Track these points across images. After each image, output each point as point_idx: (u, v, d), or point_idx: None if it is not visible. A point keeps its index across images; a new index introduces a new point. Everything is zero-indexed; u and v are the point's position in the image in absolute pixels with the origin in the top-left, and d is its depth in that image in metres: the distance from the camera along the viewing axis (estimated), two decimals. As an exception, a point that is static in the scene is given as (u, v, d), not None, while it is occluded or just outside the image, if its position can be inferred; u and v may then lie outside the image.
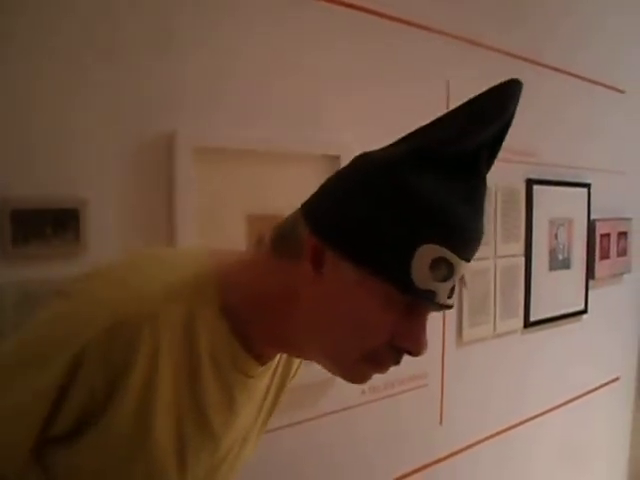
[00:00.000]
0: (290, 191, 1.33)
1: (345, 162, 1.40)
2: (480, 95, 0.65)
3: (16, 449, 0.61)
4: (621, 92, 2.66)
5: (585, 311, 2.40)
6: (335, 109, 1.45)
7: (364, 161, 0.65)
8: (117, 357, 0.58)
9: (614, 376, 2.74)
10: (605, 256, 2.52)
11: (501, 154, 2.14)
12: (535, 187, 2.07)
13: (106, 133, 1.11)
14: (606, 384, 2.67)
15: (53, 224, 1.06)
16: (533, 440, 2.25)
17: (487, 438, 2.02)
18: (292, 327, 0.66)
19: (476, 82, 1.80)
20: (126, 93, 1.13)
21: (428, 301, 0.59)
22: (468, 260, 0.61)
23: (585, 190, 2.36)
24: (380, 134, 1.53)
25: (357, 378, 0.66)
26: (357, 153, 1.50)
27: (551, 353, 2.25)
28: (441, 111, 1.90)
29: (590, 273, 2.42)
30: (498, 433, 2.08)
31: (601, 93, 2.52)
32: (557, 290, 2.21)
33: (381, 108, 1.57)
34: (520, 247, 2.02)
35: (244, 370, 0.68)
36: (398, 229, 0.58)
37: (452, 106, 1.88)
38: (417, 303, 0.61)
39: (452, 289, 0.61)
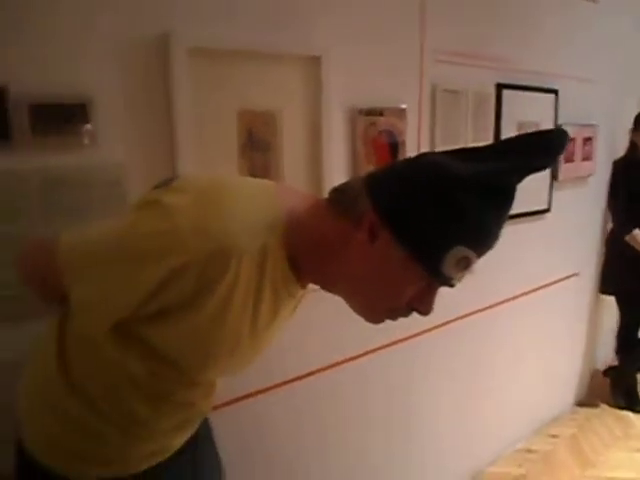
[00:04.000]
0: (276, 89, 1.47)
1: (325, 63, 1.53)
2: (536, 139, 0.80)
3: (111, 318, 0.84)
4: (594, 2, 2.74)
5: (548, 210, 2.60)
6: (316, 12, 1.55)
7: (433, 169, 0.78)
8: (209, 276, 0.76)
9: (574, 271, 2.99)
10: (570, 159, 2.69)
11: (473, 60, 2.28)
12: (505, 91, 2.20)
13: (106, 35, 1.22)
14: (566, 278, 2.93)
15: (65, 117, 1.19)
16: (502, 323, 2.52)
17: (464, 316, 2.28)
18: (335, 272, 0.85)
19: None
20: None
21: (446, 284, 0.81)
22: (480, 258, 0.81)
23: (552, 96, 2.49)
24: (358, 36, 1.66)
25: (375, 322, 0.88)
26: (336, 54, 1.61)
27: (517, 247, 2.46)
28: (414, 11, 1.98)
29: (554, 175, 2.60)
30: (471, 314, 2.33)
31: (574, 2, 2.60)
32: (522, 189, 2.38)
33: (358, 10, 1.68)
34: (489, 148, 2.18)
35: (291, 292, 0.89)
36: (445, 231, 0.76)
37: (427, 5, 1.97)
38: (437, 283, 0.82)
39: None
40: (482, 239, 0.78)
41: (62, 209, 1.21)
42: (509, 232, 2.33)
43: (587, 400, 3.35)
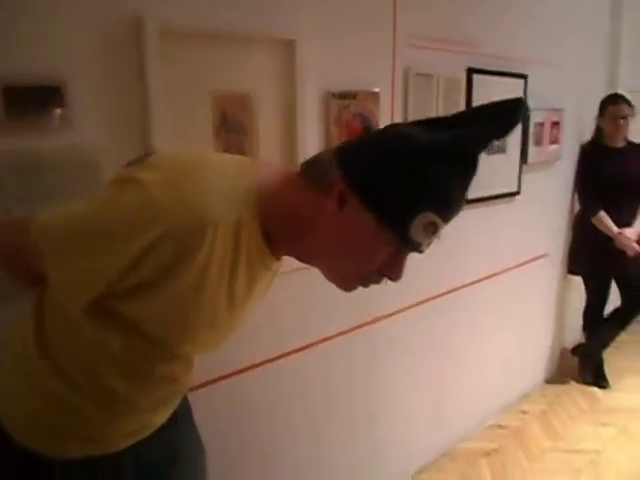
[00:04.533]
0: (251, 72, 1.48)
1: (300, 46, 1.54)
2: (497, 107, 0.83)
3: (89, 294, 0.83)
4: (563, -12, 2.80)
5: (518, 192, 2.67)
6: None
7: (401, 138, 0.82)
8: (187, 245, 0.77)
9: (543, 252, 3.08)
10: (538, 143, 2.76)
11: (445, 44, 2.33)
12: (475, 76, 2.24)
13: (79, 18, 1.22)
14: (536, 259, 3.01)
15: (41, 101, 1.19)
16: (472, 303, 2.59)
17: (434, 297, 2.34)
18: (308, 243, 0.87)
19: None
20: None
21: (415, 250, 0.83)
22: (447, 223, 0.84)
23: (522, 81, 2.55)
24: (332, 20, 1.68)
25: (348, 289, 0.91)
26: (311, 38, 1.63)
27: (487, 228, 2.53)
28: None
29: (524, 158, 2.66)
30: (441, 295, 2.39)
31: (542, -12, 2.66)
32: (493, 172, 2.45)
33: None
34: (460, 131, 2.22)
35: (266, 264, 0.91)
36: (412, 198, 0.78)
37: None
38: (406, 249, 0.83)
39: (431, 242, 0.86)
40: (448, 205, 0.81)
41: (37, 192, 1.21)
42: (481, 214, 2.44)
43: (556, 377, 3.46)
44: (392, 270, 0.87)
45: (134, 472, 1.05)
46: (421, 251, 0.84)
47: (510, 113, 0.83)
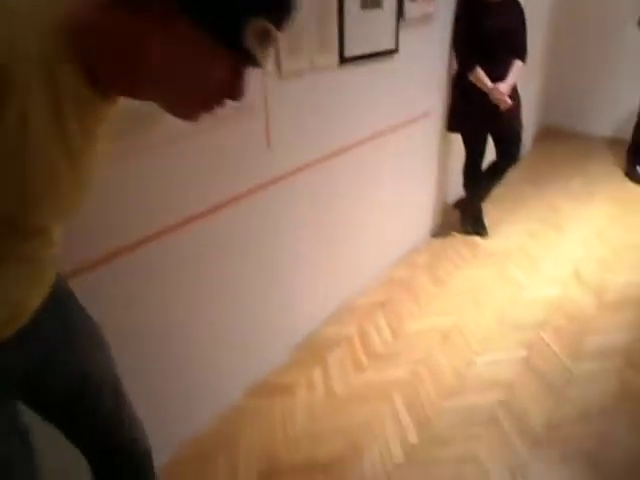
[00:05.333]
0: None
1: None
2: None
3: None
4: None
5: (396, 50, 2.65)
6: None
7: None
8: None
9: (424, 111, 3.15)
10: (415, -3, 2.71)
11: None
12: None
13: None
14: (417, 117, 3.08)
15: None
16: (358, 163, 2.64)
17: (315, 162, 2.34)
18: (139, 77, 0.78)
19: None
20: None
21: (253, 63, 0.79)
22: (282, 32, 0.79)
23: None
24: None
25: (191, 119, 0.86)
26: None
27: (366, 88, 2.52)
28: None
29: (401, 13, 2.61)
30: (327, 156, 2.40)
31: None
32: (369, 29, 2.39)
33: None
34: (332, -17, 2.11)
35: (98, 109, 0.82)
36: (240, 7, 0.73)
37: None
38: (245, 65, 0.80)
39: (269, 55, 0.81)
40: (278, 7, 0.78)
41: None
42: (359, 74, 2.41)
43: (441, 231, 3.72)
44: (233, 89, 0.83)
45: (24, 359, 1.02)
46: (260, 65, 0.81)
47: None
